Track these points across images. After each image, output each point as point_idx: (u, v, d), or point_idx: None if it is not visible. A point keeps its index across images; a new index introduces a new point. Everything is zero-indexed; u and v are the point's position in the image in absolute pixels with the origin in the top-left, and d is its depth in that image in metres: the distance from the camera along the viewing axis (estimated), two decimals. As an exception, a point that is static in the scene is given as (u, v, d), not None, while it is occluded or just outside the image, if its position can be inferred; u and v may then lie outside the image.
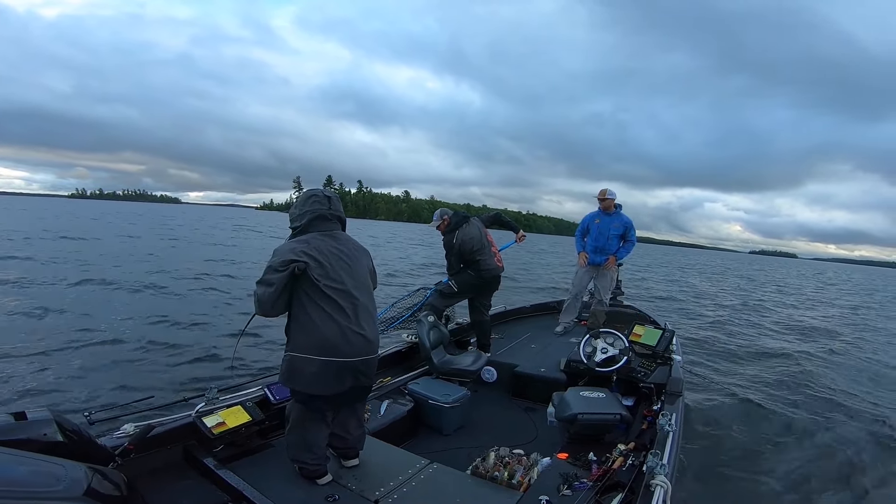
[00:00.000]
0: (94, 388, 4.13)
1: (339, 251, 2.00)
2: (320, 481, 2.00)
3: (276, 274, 1.85)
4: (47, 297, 7.52)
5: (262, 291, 1.87)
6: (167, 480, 1.95)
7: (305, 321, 1.89)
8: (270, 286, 1.85)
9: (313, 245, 1.94)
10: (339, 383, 1.92)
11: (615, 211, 4.69)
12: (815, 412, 4.65)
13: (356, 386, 2.00)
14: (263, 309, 1.89)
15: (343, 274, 1.96)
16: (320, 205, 2.03)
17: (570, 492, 1.95)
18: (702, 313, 10.98)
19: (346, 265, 1.99)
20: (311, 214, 2.01)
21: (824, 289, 26.92)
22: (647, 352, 3.29)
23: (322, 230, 2.02)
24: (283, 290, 1.87)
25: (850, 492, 3.26)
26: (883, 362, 7.40)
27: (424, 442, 2.83)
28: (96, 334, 5.70)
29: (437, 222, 3.89)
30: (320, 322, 1.88)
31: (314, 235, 1.99)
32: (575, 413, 2.44)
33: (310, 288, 1.89)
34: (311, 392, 1.92)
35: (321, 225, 2.03)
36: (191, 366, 4.83)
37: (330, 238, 2.01)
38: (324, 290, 1.89)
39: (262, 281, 1.88)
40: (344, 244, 2.05)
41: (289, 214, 2.10)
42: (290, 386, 1.95)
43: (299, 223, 2.02)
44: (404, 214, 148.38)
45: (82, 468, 1.08)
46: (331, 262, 1.94)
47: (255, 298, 1.92)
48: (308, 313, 1.89)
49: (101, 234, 21.78)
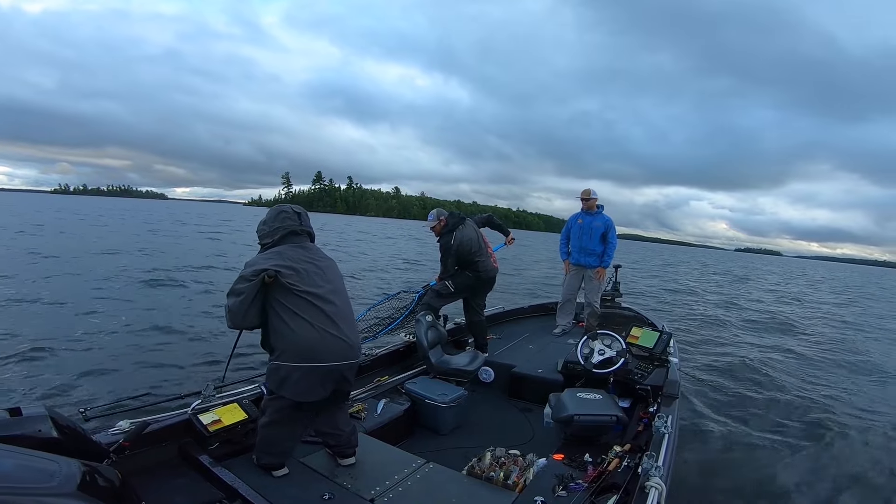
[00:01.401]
0: (90, 384, 4.12)
1: (310, 259, 2.01)
2: (276, 473, 2.03)
3: (246, 283, 1.84)
4: (43, 292, 7.50)
5: (231, 302, 1.86)
6: (162, 477, 1.94)
7: (284, 330, 1.89)
8: (240, 295, 1.84)
9: (286, 255, 1.95)
10: (322, 389, 1.95)
11: (597, 211, 4.75)
12: (813, 414, 4.66)
13: (338, 390, 2.03)
14: (234, 320, 1.88)
15: (318, 279, 1.97)
16: (291, 220, 2.04)
17: (565, 493, 1.95)
18: (699, 314, 11.00)
19: (321, 271, 2.01)
20: (282, 230, 2.02)
21: (818, 288, 27.02)
22: (644, 354, 3.29)
23: (293, 243, 2.03)
24: (253, 299, 1.86)
25: (848, 493, 3.27)
26: (883, 363, 7.43)
27: (421, 441, 2.83)
28: (93, 330, 5.69)
29: (433, 223, 3.81)
30: (298, 329, 1.87)
31: (286, 247, 2.00)
32: (571, 414, 2.44)
33: (285, 296, 1.89)
34: (300, 399, 1.93)
35: (292, 239, 2.04)
36: (187, 363, 4.83)
37: (301, 248, 2.03)
38: (300, 296, 1.89)
39: (232, 291, 1.87)
40: (315, 253, 2.07)
41: (257, 231, 2.08)
42: (280, 393, 1.95)
43: (270, 239, 2.02)
44: (394, 211, 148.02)
45: (76, 464, 1.07)
46: (305, 269, 1.95)
47: (225, 310, 1.90)
48: (285, 322, 1.88)
49: (99, 230, 21.78)
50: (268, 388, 2.01)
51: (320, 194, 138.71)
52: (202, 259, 13.26)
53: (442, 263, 3.80)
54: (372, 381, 3.18)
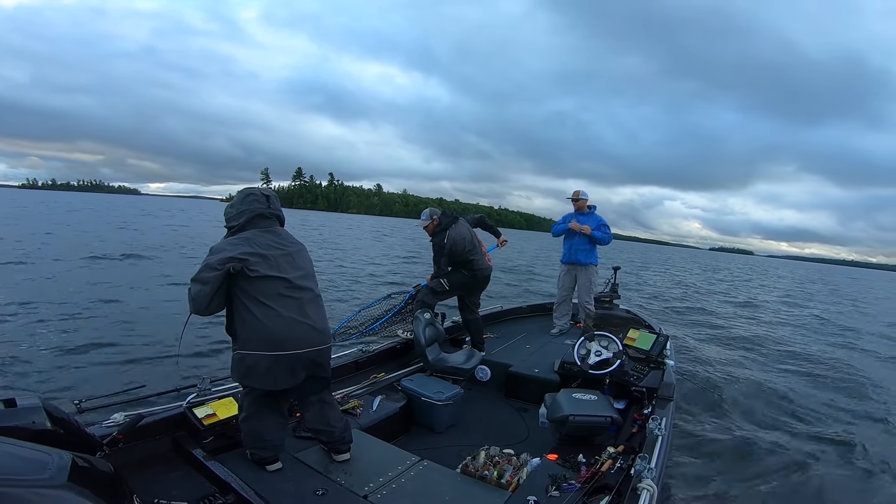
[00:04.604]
0: (85, 376, 4.12)
1: (279, 244, 1.98)
2: (270, 467, 2.02)
3: (213, 272, 1.80)
4: (38, 285, 7.50)
5: (196, 290, 1.82)
6: (155, 471, 1.94)
7: (249, 318, 1.86)
8: (206, 284, 1.80)
9: (254, 241, 1.91)
10: (292, 377, 1.93)
11: (589, 211, 4.79)
12: (808, 418, 4.67)
13: (312, 376, 2.01)
14: (197, 307, 1.85)
15: (287, 266, 1.95)
16: (259, 203, 1.99)
17: (558, 493, 1.95)
18: (697, 316, 11.01)
19: (290, 257, 1.98)
20: (249, 213, 1.96)
21: (805, 288, 27.12)
22: (640, 356, 3.30)
23: (262, 228, 1.98)
24: (218, 288, 1.83)
25: (846, 496, 3.28)
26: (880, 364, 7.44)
27: (416, 439, 2.84)
28: (87, 323, 5.69)
29: (426, 222, 3.80)
30: (264, 317, 1.85)
31: (254, 232, 1.95)
32: (566, 414, 2.45)
33: (250, 284, 1.86)
34: (267, 388, 1.92)
35: (260, 223, 1.98)
36: (183, 356, 4.82)
37: (270, 233, 1.99)
38: (267, 284, 1.87)
39: (197, 279, 1.83)
40: (284, 238, 2.03)
41: (225, 214, 2.03)
42: (246, 384, 1.95)
43: (237, 222, 1.97)
44: (376, 208, 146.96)
45: (69, 456, 1.07)
46: (274, 255, 1.92)
47: (188, 296, 1.86)
48: (251, 310, 1.86)
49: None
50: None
51: (301, 191, 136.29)
52: (198, 251, 13.27)
53: (435, 262, 3.79)
54: (368, 377, 3.18)
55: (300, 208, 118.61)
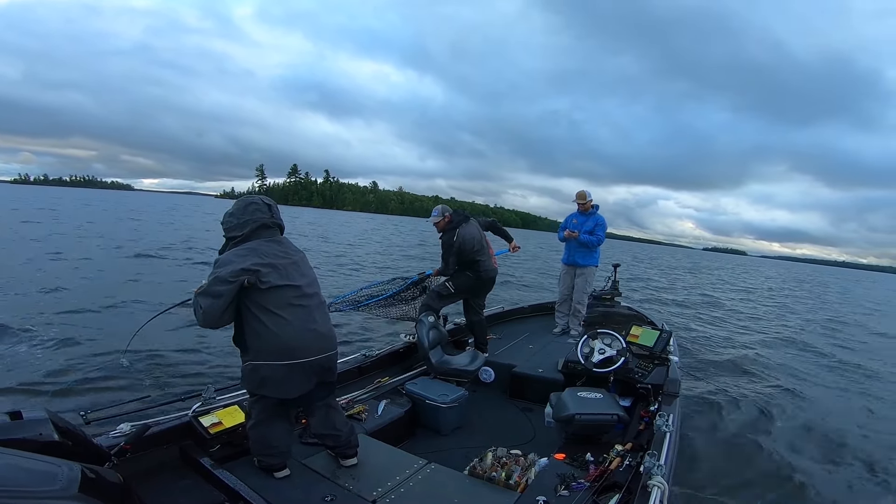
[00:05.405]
0: (91, 387, 4.10)
1: (285, 254, 1.98)
2: (278, 474, 2.02)
3: (226, 286, 1.77)
4: (39, 290, 7.47)
5: (208, 304, 1.79)
6: (163, 480, 1.94)
7: (260, 329, 1.85)
8: (218, 298, 1.77)
9: (262, 252, 1.89)
10: (307, 384, 1.94)
11: (591, 211, 4.82)
12: (816, 410, 4.67)
13: (321, 382, 2.02)
14: (208, 321, 1.81)
15: (296, 274, 1.96)
16: (262, 213, 1.97)
17: (567, 492, 1.95)
18: (697, 314, 11.02)
19: (296, 266, 1.99)
20: (253, 223, 1.93)
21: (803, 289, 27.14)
22: (644, 352, 3.29)
23: (265, 238, 1.96)
24: (230, 302, 1.81)
25: (847, 493, 3.27)
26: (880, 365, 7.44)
27: (422, 442, 2.83)
28: (92, 331, 5.67)
29: (438, 219, 3.80)
30: (276, 327, 1.84)
31: (260, 242, 1.93)
32: (572, 413, 2.44)
33: (261, 295, 1.85)
34: (282, 396, 1.93)
35: (264, 233, 1.96)
36: (188, 366, 4.81)
37: (274, 243, 1.97)
38: (279, 294, 1.86)
39: (208, 292, 1.79)
40: (287, 247, 2.03)
41: (223, 223, 1.97)
42: (260, 393, 1.94)
43: (239, 232, 1.93)
44: (372, 205, 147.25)
45: (78, 467, 1.07)
46: (283, 265, 1.92)
47: (198, 310, 1.82)
48: (262, 321, 1.84)
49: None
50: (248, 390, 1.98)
51: (296, 188, 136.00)
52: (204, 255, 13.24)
53: (443, 260, 3.79)
54: (372, 382, 3.17)
55: (295, 205, 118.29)
